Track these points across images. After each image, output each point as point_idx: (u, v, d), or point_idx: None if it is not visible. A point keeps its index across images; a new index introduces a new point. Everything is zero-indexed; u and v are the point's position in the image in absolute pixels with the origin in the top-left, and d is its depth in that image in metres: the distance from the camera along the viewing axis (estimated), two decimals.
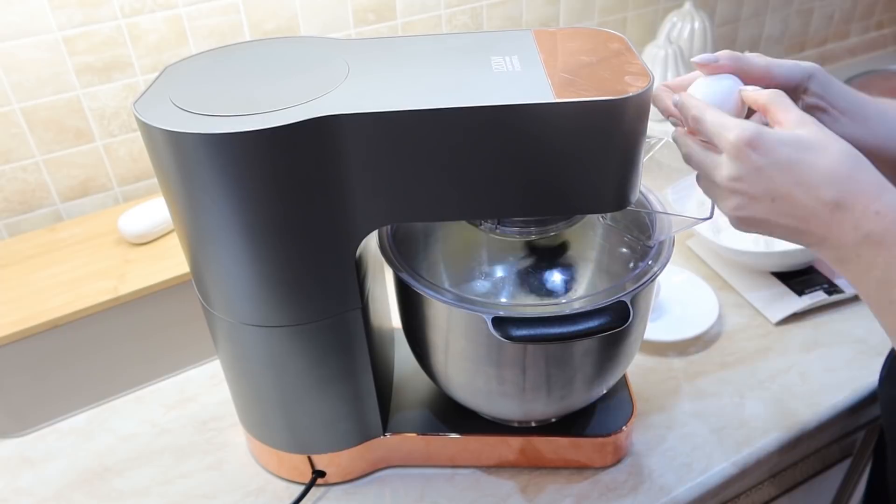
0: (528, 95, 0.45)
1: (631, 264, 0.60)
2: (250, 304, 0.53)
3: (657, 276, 0.54)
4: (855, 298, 0.83)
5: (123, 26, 0.91)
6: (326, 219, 0.48)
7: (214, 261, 0.51)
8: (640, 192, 0.60)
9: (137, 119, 0.45)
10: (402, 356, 0.71)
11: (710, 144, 0.48)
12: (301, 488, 0.64)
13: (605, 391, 0.63)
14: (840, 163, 0.43)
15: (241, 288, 0.52)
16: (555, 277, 0.66)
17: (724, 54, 0.50)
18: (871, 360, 0.76)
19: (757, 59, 0.50)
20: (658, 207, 0.60)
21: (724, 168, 0.46)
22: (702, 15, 1.22)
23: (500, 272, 0.66)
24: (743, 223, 0.47)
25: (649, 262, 0.55)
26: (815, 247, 0.46)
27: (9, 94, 0.89)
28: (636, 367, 0.76)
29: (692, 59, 0.51)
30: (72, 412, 0.74)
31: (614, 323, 0.50)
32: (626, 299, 0.51)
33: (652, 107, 0.49)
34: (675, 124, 0.52)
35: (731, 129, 0.45)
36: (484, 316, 0.50)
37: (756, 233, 0.48)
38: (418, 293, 0.54)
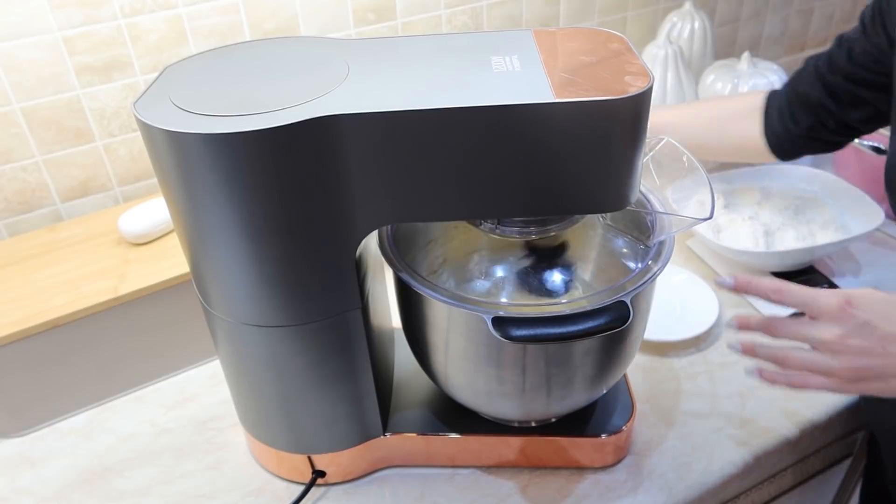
0: (527, 95, 0.45)
1: (631, 264, 0.60)
2: (250, 304, 0.53)
3: (657, 276, 0.54)
4: None
5: (123, 26, 0.91)
6: (327, 219, 0.48)
7: (214, 261, 0.51)
8: (640, 192, 0.60)
9: (137, 119, 0.45)
10: (402, 356, 0.71)
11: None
12: (301, 488, 0.64)
13: (605, 391, 0.63)
14: None
15: (241, 288, 0.52)
16: (555, 277, 0.66)
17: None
18: None
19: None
20: (658, 207, 0.60)
21: (827, 331, 0.48)
22: (702, 15, 1.22)
23: (500, 272, 0.66)
24: (860, 376, 0.49)
25: (649, 262, 0.55)
26: None
27: (9, 94, 0.89)
28: (636, 367, 0.76)
29: (715, 280, 0.56)
30: (72, 412, 0.74)
31: (614, 323, 0.50)
32: (626, 299, 0.51)
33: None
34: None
35: (824, 294, 0.49)
36: (484, 316, 0.50)
37: (870, 388, 0.49)
38: (418, 293, 0.54)
